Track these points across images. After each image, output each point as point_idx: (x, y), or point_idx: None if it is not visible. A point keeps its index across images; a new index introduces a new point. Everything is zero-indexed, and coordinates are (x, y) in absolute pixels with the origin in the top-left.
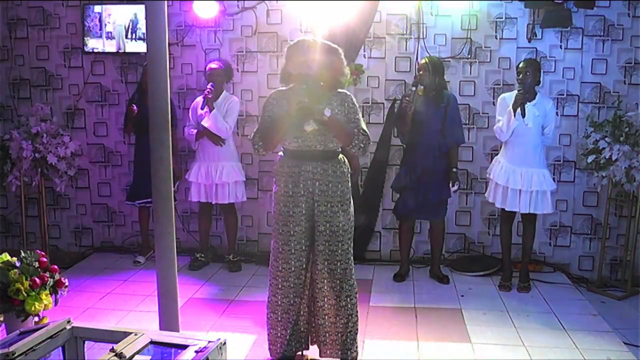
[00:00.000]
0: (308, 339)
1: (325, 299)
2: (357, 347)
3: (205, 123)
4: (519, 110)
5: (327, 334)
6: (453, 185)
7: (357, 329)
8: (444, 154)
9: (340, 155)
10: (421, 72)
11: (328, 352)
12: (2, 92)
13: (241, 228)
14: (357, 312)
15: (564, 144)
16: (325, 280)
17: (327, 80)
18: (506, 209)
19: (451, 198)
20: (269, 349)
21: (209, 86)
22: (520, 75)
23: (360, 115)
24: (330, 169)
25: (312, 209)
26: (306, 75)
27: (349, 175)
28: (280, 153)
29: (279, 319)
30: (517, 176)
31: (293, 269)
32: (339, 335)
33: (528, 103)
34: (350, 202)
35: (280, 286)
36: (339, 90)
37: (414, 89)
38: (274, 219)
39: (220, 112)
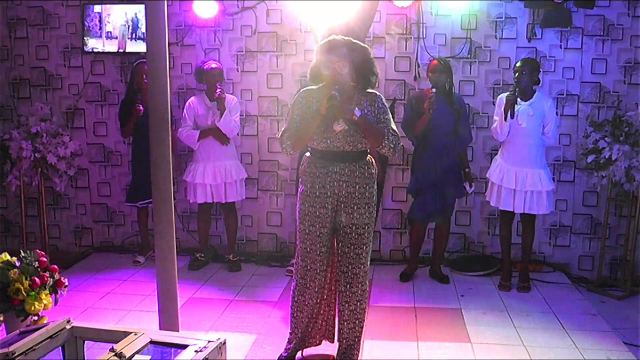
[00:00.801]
0: (324, 336)
1: (347, 304)
2: (361, 346)
3: (221, 124)
4: (510, 111)
5: (348, 335)
6: (470, 186)
7: (363, 329)
8: (456, 154)
9: (369, 157)
10: (435, 74)
11: (346, 351)
12: (2, 92)
13: (241, 228)
14: (365, 313)
15: (564, 144)
16: (348, 285)
17: (358, 80)
18: (500, 208)
19: (463, 197)
20: (287, 346)
21: (219, 86)
22: (517, 75)
23: (390, 115)
24: (359, 170)
25: (338, 211)
26: (338, 75)
27: (376, 176)
28: (307, 154)
29: (305, 319)
30: (512, 176)
31: (319, 270)
32: (353, 336)
33: (523, 103)
34: (374, 204)
35: (308, 286)
36: (369, 90)
37: (434, 91)
38: (298, 220)
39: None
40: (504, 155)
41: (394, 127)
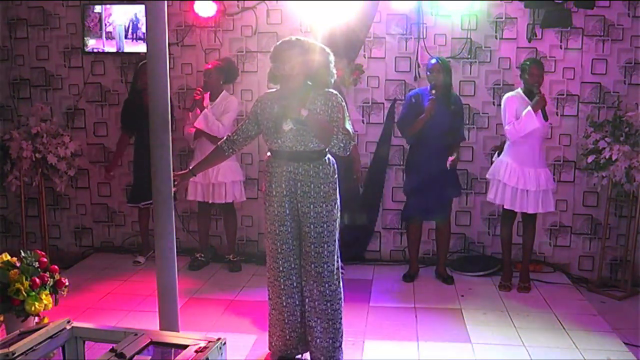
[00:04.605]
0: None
1: (315, 302)
2: (342, 350)
3: (197, 123)
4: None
5: (321, 338)
6: (451, 164)
7: (342, 332)
8: (451, 153)
9: (326, 157)
10: (434, 74)
11: (318, 355)
12: (2, 92)
13: (241, 228)
14: (342, 315)
15: (564, 144)
16: (314, 283)
17: (312, 80)
18: (516, 210)
19: (459, 196)
20: (269, 347)
21: (198, 88)
22: (535, 78)
23: (346, 114)
24: (312, 169)
25: (297, 210)
26: (288, 75)
27: (334, 176)
28: (268, 153)
29: (275, 319)
30: (527, 176)
31: (281, 269)
32: (330, 340)
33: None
34: (335, 204)
35: (273, 284)
36: (327, 90)
37: (434, 92)
38: (264, 219)
39: (217, 112)
40: (516, 156)
41: (349, 126)
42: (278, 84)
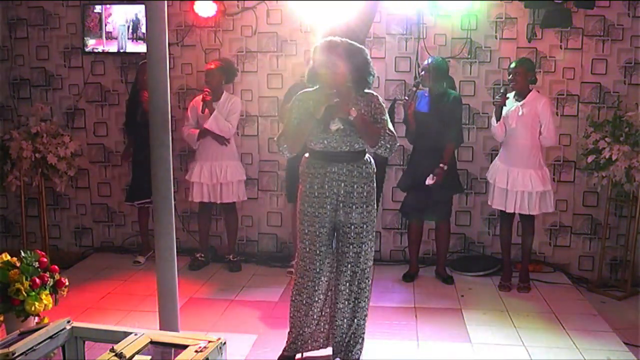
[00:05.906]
0: (327, 338)
1: (346, 302)
2: (362, 348)
3: (208, 125)
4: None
5: (343, 335)
6: (432, 179)
7: (362, 331)
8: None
9: (367, 156)
10: (423, 74)
11: (341, 352)
12: (2, 92)
13: (241, 228)
14: (365, 313)
15: (564, 144)
16: (348, 283)
17: (354, 81)
18: (492, 207)
19: (456, 196)
20: (286, 347)
21: (206, 88)
22: (510, 77)
23: (387, 115)
24: (356, 170)
25: (336, 210)
26: (333, 75)
27: (374, 175)
28: (306, 154)
29: (302, 318)
30: (504, 175)
31: (318, 270)
32: (352, 335)
33: (516, 103)
34: (374, 203)
35: (306, 285)
36: (366, 90)
37: (414, 89)
38: (298, 220)
39: (222, 113)
40: (500, 155)
41: (391, 127)
42: (316, 84)
